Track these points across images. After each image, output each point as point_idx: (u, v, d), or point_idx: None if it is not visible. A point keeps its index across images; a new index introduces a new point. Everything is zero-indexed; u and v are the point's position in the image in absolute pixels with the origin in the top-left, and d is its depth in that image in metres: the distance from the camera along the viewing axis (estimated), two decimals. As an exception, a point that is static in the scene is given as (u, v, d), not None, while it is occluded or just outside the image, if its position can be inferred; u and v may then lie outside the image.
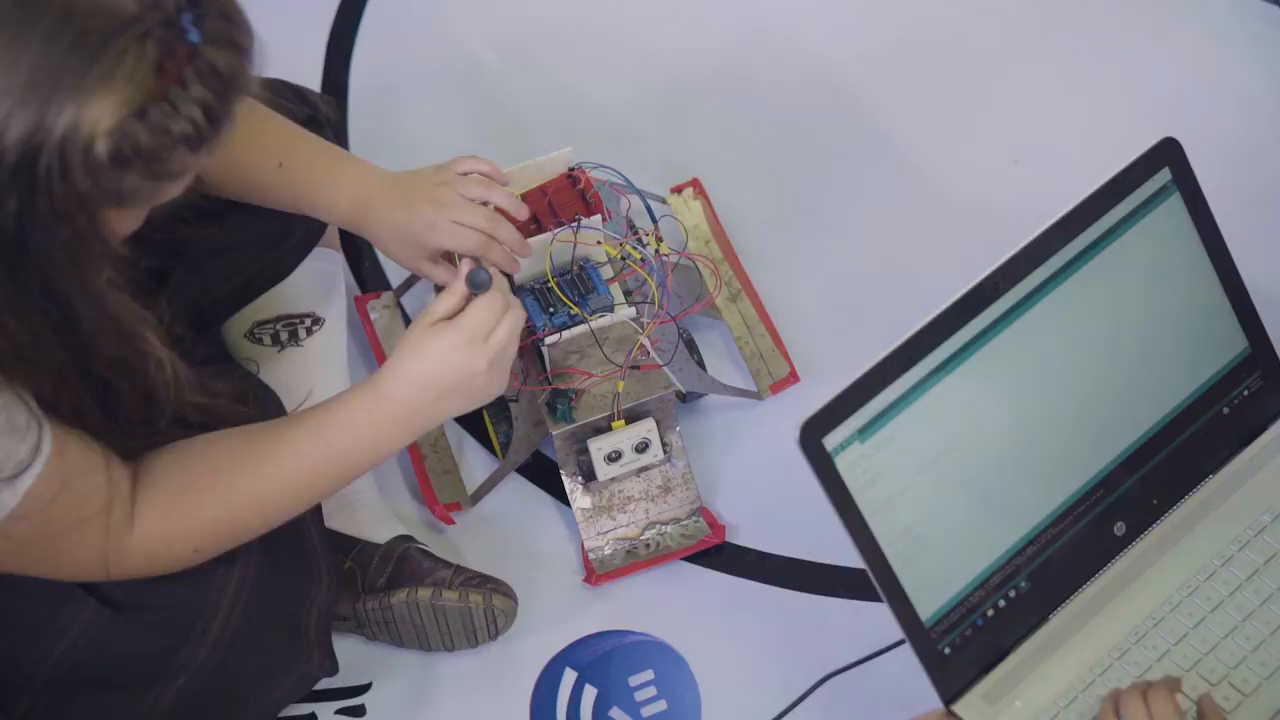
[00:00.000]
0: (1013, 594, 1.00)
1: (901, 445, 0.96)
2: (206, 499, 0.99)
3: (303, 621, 1.10)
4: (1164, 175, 1.03)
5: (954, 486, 0.98)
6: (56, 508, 0.90)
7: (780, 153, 1.51)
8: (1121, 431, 1.04)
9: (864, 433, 0.95)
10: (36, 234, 0.80)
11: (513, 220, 1.17)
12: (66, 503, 0.91)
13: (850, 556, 1.23)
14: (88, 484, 0.93)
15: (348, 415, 1.02)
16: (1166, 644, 1.00)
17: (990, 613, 1.00)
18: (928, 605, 0.97)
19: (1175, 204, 1.04)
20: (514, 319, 1.04)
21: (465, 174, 1.18)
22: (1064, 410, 1.02)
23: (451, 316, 1.03)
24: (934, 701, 0.99)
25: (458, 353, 1.01)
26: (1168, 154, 1.03)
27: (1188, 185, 1.05)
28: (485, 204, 1.15)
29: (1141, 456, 1.05)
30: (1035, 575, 1.01)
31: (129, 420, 0.96)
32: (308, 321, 1.29)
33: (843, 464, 0.94)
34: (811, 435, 0.93)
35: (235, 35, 0.83)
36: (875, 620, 1.21)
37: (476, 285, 1.02)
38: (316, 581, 1.11)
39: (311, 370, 1.28)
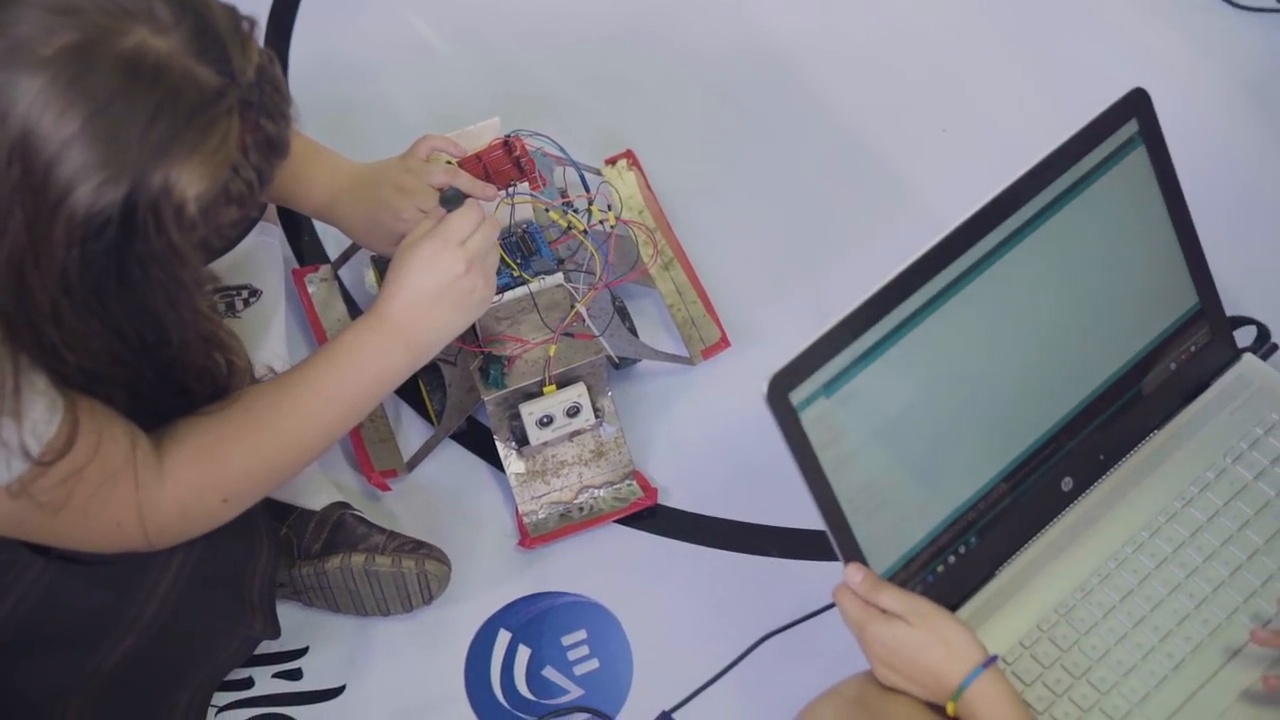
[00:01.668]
0: (963, 550, 1.01)
1: (865, 401, 0.96)
2: (234, 447, 1.01)
3: (245, 585, 1.12)
4: (1131, 127, 1.03)
5: (912, 443, 0.98)
6: (81, 460, 0.92)
7: (713, 123, 1.53)
8: (1075, 386, 1.05)
9: (830, 388, 0.94)
10: (134, 271, 0.89)
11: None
12: (93, 457, 0.93)
13: (781, 516, 1.29)
14: (110, 438, 0.95)
15: (356, 339, 1.06)
16: (1112, 600, 1.00)
17: (940, 569, 1.00)
18: (881, 562, 0.97)
19: (1140, 157, 1.04)
20: (490, 227, 1.09)
21: (427, 157, 1.23)
22: (1021, 365, 1.02)
23: None
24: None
25: (436, 257, 1.06)
26: (1136, 105, 1.03)
27: (1153, 137, 1.04)
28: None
29: (1092, 412, 1.05)
30: (985, 531, 1.01)
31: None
32: (244, 293, 1.30)
33: (808, 419, 0.93)
34: (779, 390, 0.92)
35: (285, 107, 0.93)
36: (806, 579, 1.25)
37: (448, 202, 1.06)
38: (258, 547, 1.13)
39: (249, 341, 1.28)
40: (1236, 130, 1.50)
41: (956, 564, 1.01)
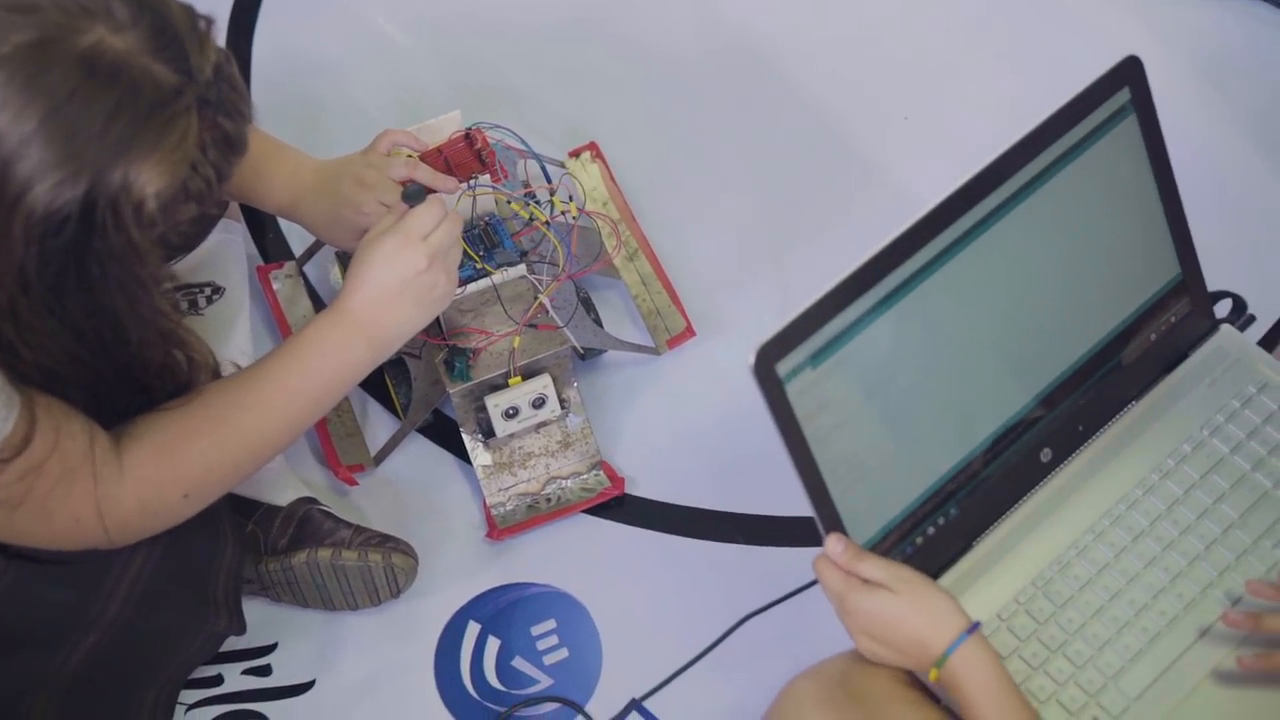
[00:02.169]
0: (942, 521, 1.00)
1: (849, 372, 0.95)
2: (195, 443, 1.01)
3: (210, 582, 1.12)
4: (1123, 95, 1.02)
5: (895, 414, 0.98)
6: (38, 457, 0.92)
7: (677, 115, 1.53)
8: (1055, 357, 1.04)
9: (816, 359, 0.93)
10: (93, 269, 0.89)
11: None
12: (51, 454, 0.93)
13: (747, 503, 1.29)
14: (68, 435, 0.95)
15: (316, 334, 1.05)
16: (1088, 574, 1.00)
17: (919, 540, 1.00)
18: (861, 533, 0.97)
19: (1130, 126, 1.03)
20: (453, 223, 1.09)
21: (389, 152, 1.23)
22: (1005, 336, 1.01)
23: None
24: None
25: (398, 253, 1.06)
26: (1129, 73, 1.02)
27: (1144, 106, 1.03)
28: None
29: (1072, 383, 1.04)
30: (964, 502, 1.01)
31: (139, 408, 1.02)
32: (208, 290, 1.30)
33: (793, 390, 0.93)
34: (766, 361, 0.91)
35: (242, 105, 0.93)
36: (772, 564, 1.26)
37: (411, 197, 1.06)
38: (222, 543, 1.12)
39: (213, 338, 1.28)
40: (1196, 114, 1.51)
41: (935, 535, 1.00)
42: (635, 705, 1.18)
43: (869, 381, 0.96)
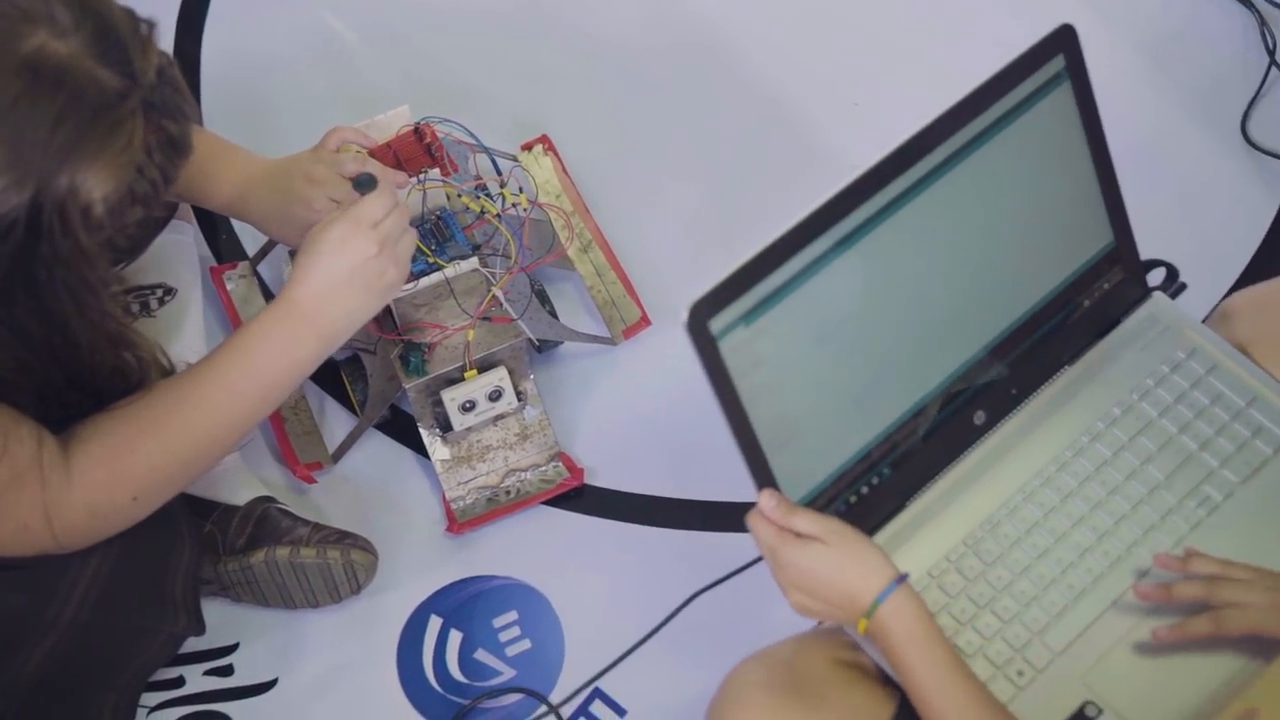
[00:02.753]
0: (875, 481, 1.01)
1: (784, 331, 0.95)
2: (141, 445, 1.00)
3: (167, 582, 1.11)
4: (1058, 63, 1.03)
5: (830, 373, 0.98)
6: None
7: (629, 107, 1.54)
8: (989, 321, 1.05)
9: (749, 317, 0.94)
10: (40, 274, 0.89)
11: None
12: None
13: (704, 490, 1.30)
14: (16, 440, 0.94)
15: (261, 329, 1.04)
16: (1018, 533, 1.02)
17: (853, 499, 1.00)
18: (795, 491, 0.97)
19: (1065, 93, 1.03)
20: (404, 212, 1.08)
21: (338, 148, 1.23)
22: (939, 299, 1.02)
23: None
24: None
25: (348, 240, 1.05)
26: (1063, 41, 1.03)
27: (1078, 74, 1.04)
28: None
29: (1006, 346, 1.05)
30: (898, 463, 1.02)
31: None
32: (159, 292, 1.30)
33: (727, 348, 0.93)
34: (699, 317, 0.92)
35: (186, 107, 0.93)
36: (728, 548, 1.26)
37: (362, 185, 1.06)
38: (179, 544, 1.12)
39: (165, 340, 1.27)
40: (1140, 89, 1.52)
41: (869, 495, 1.01)
42: (596, 692, 1.19)
43: (803, 341, 0.97)
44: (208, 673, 1.21)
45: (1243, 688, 0.92)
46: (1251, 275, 1.39)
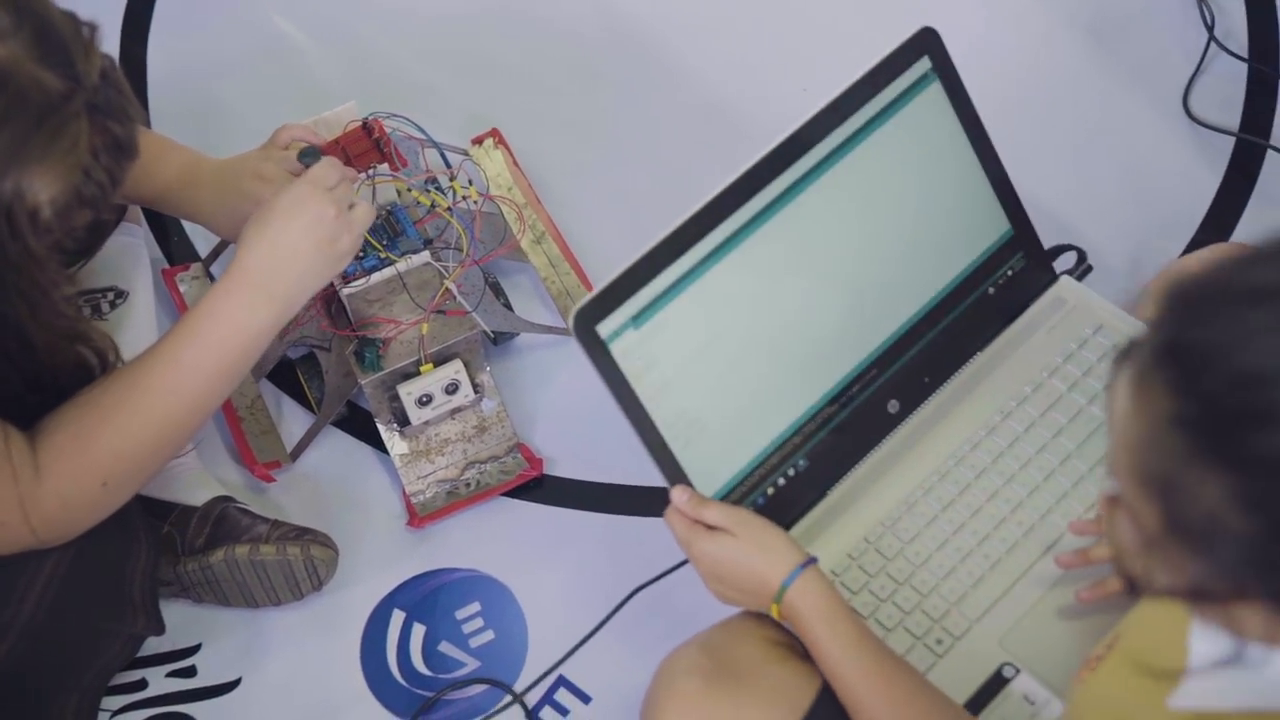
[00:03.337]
0: (791, 472, 1.03)
1: (676, 331, 0.98)
2: (102, 430, 0.99)
3: (125, 583, 1.11)
4: (924, 64, 1.07)
5: (730, 370, 1.00)
6: None
7: (579, 98, 1.54)
8: (893, 313, 1.07)
9: (638, 320, 0.96)
10: None
11: None
12: None
13: (661, 475, 1.30)
14: None
15: (211, 304, 1.03)
16: (934, 511, 1.04)
17: (771, 491, 1.03)
18: (710, 486, 1.00)
19: (936, 91, 1.07)
20: (352, 184, 1.08)
21: (287, 146, 1.23)
22: (835, 294, 1.04)
23: None
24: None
25: (303, 201, 1.05)
26: (926, 43, 1.06)
27: (947, 72, 1.07)
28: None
29: (913, 336, 1.08)
30: (813, 454, 1.04)
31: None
32: (110, 295, 1.29)
33: (618, 350, 0.95)
34: (585, 323, 0.94)
35: (130, 109, 0.93)
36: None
37: (306, 155, 1.06)
38: (135, 544, 1.12)
39: (118, 342, 1.28)
40: (1081, 68, 1.54)
41: (786, 486, 1.03)
42: (560, 680, 1.19)
43: (698, 340, 0.99)
44: (170, 674, 1.20)
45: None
46: (1196, 247, 1.41)
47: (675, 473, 0.99)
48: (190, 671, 1.21)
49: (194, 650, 1.22)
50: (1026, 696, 0.95)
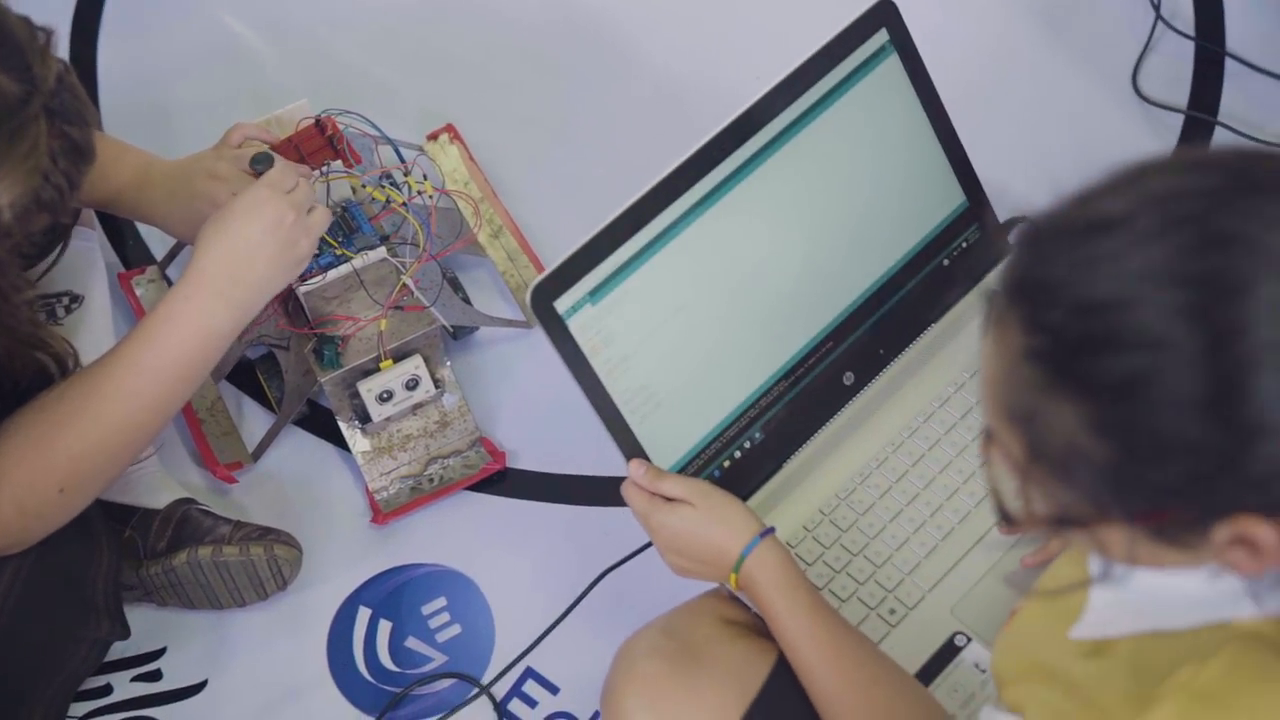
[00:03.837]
0: (748, 445, 1.04)
1: (633, 306, 0.98)
2: (59, 436, 0.99)
3: (88, 589, 1.11)
4: (881, 36, 1.07)
5: (687, 344, 1.01)
6: None
7: (534, 92, 1.54)
8: (849, 285, 1.08)
9: (595, 295, 0.96)
10: None
11: None
12: None
13: (624, 465, 1.30)
14: None
15: (169, 308, 1.03)
16: (888, 482, 1.05)
17: (727, 464, 1.03)
18: (666, 459, 1.00)
19: (893, 64, 1.08)
20: (310, 185, 1.08)
21: (240, 145, 1.22)
22: (791, 267, 1.05)
23: None
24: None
25: (262, 204, 1.05)
26: (884, 15, 1.07)
27: (904, 45, 1.08)
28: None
29: (869, 309, 1.09)
30: (769, 426, 1.04)
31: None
32: (65, 300, 1.28)
33: (575, 326, 0.96)
34: (543, 299, 0.95)
35: (86, 113, 0.93)
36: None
37: (259, 162, 1.06)
38: (96, 549, 1.11)
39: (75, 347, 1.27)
40: (1031, 48, 1.55)
41: (743, 459, 1.04)
42: (528, 671, 1.19)
43: (655, 315, 1.00)
44: (136, 679, 1.20)
45: None
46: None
47: (633, 447, 0.99)
48: (156, 675, 1.20)
49: (159, 654, 1.21)
50: (977, 664, 0.97)
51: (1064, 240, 0.64)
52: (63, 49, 1.58)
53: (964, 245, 1.13)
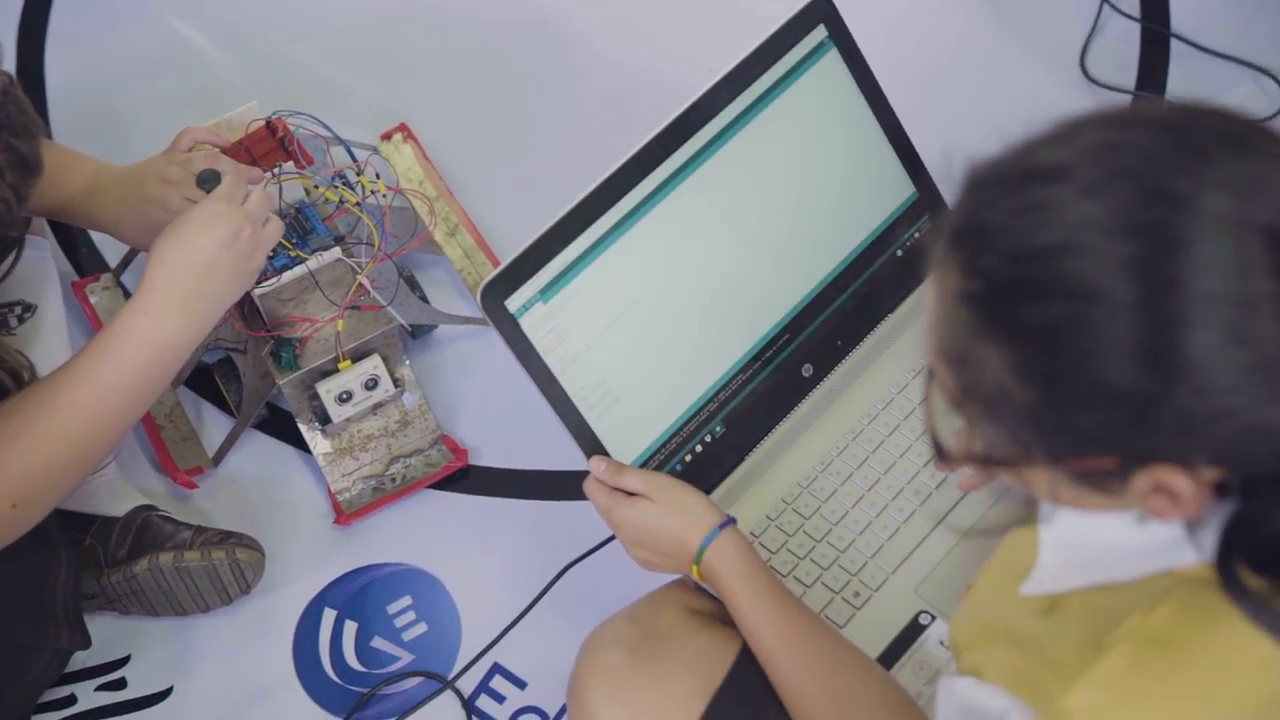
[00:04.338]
0: (709, 438, 1.04)
1: (586, 303, 0.98)
2: (11, 451, 0.98)
3: (47, 599, 1.10)
4: (820, 32, 1.08)
5: (642, 339, 1.01)
6: None
7: (488, 90, 1.54)
8: (803, 278, 1.08)
9: (546, 293, 0.97)
10: None
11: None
12: None
13: (585, 459, 1.31)
14: None
15: (125, 323, 1.02)
16: (850, 469, 1.06)
17: (689, 458, 1.03)
18: (628, 454, 1.01)
19: (834, 59, 1.09)
20: (263, 196, 1.08)
21: (190, 149, 1.21)
22: (745, 261, 1.05)
23: None
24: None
25: (218, 217, 1.04)
26: (821, 11, 1.08)
27: (843, 40, 1.09)
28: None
29: (824, 300, 1.09)
30: (730, 419, 1.05)
31: None
32: (18, 310, 1.27)
33: (528, 324, 0.96)
34: (494, 298, 0.95)
35: (31, 125, 0.93)
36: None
37: (205, 181, 1.05)
38: (55, 559, 1.10)
39: (29, 356, 1.26)
40: (981, 33, 1.56)
41: (704, 452, 1.05)
42: (495, 667, 1.19)
43: (608, 311, 1.00)
44: (100, 688, 1.19)
45: None
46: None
47: (592, 443, 1.00)
48: (120, 684, 1.19)
49: (123, 662, 1.20)
50: (941, 642, 0.97)
51: (1003, 187, 0.65)
52: (9, 58, 1.57)
53: (916, 236, 1.14)
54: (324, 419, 1.26)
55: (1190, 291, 0.60)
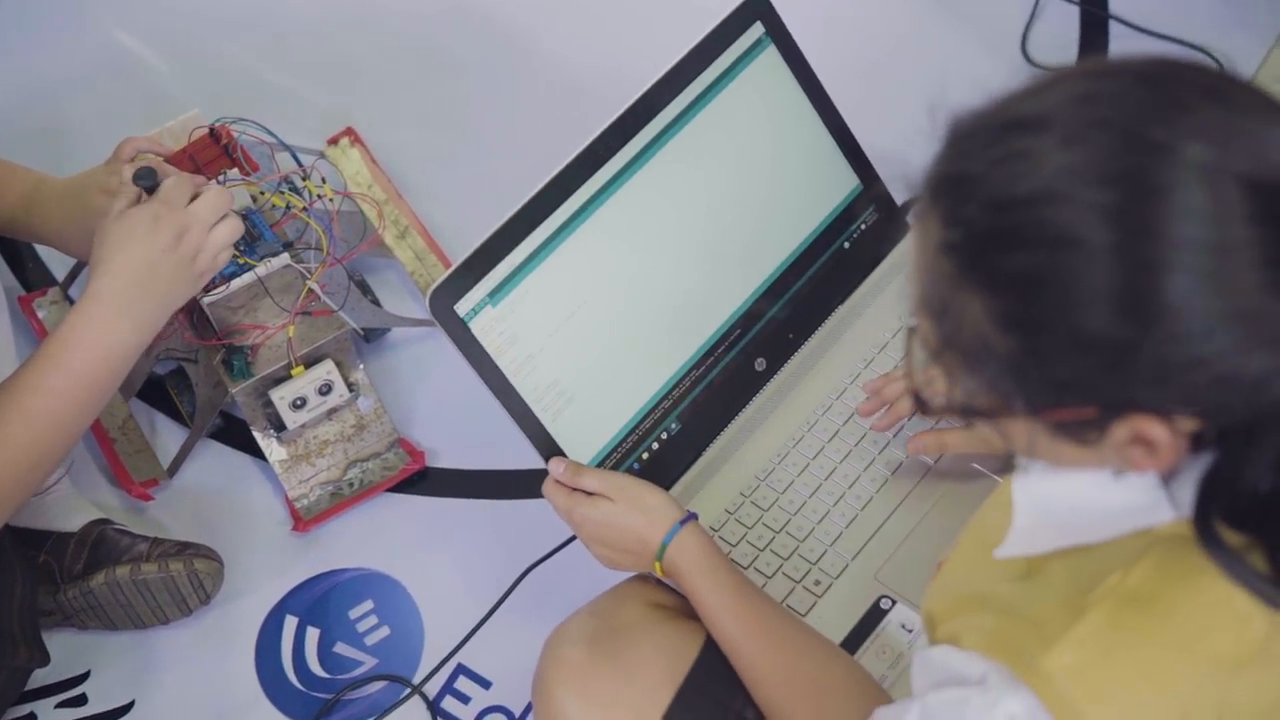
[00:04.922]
0: (665, 435, 1.05)
1: (535, 304, 0.99)
2: None
3: (4, 618, 1.08)
4: (757, 29, 1.08)
5: (594, 339, 1.01)
6: None
7: (434, 91, 1.54)
8: (752, 272, 1.09)
9: (495, 296, 0.97)
10: None
11: None
12: None
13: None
14: None
15: (71, 331, 1.01)
16: (805, 460, 1.07)
17: (645, 456, 1.04)
18: (584, 454, 1.01)
19: (772, 55, 1.09)
20: (218, 194, 1.06)
21: (132, 158, 1.20)
22: (692, 257, 1.06)
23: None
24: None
25: (160, 220, 1.02)
26: (757, 8, 1.08)
27: (780, 36, 1.10)
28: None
29: (774, 294, 1.10)
30: (685, 416, 1.06)
31: None
32: (-37, 326, 1.26)
33: (478, 328, 0.96)
34: (441, 303, 0.95)
35: None
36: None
37: (141, 178, 1.04)
38: (8, 577, 1.09)
39: (-24, 374, 1.25)
40: (922, 20, 1.57)
41: (661, 450, 1.05)
42: (459, 668, 1.19)
43: (557, 313, 1.01)
44: (60, 705, 1.18)
45: None
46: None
47: (548, 444, 1.00)
48: (81, 700, 1.18)
49: (83, 678, 1.19)
50: (903, 625, 0.98)
51: (983, 137, 0.65)
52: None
53: (863, 227, 1.15)
54: (279, 426, 1.25)
55: (1168, 238, 0.61)
